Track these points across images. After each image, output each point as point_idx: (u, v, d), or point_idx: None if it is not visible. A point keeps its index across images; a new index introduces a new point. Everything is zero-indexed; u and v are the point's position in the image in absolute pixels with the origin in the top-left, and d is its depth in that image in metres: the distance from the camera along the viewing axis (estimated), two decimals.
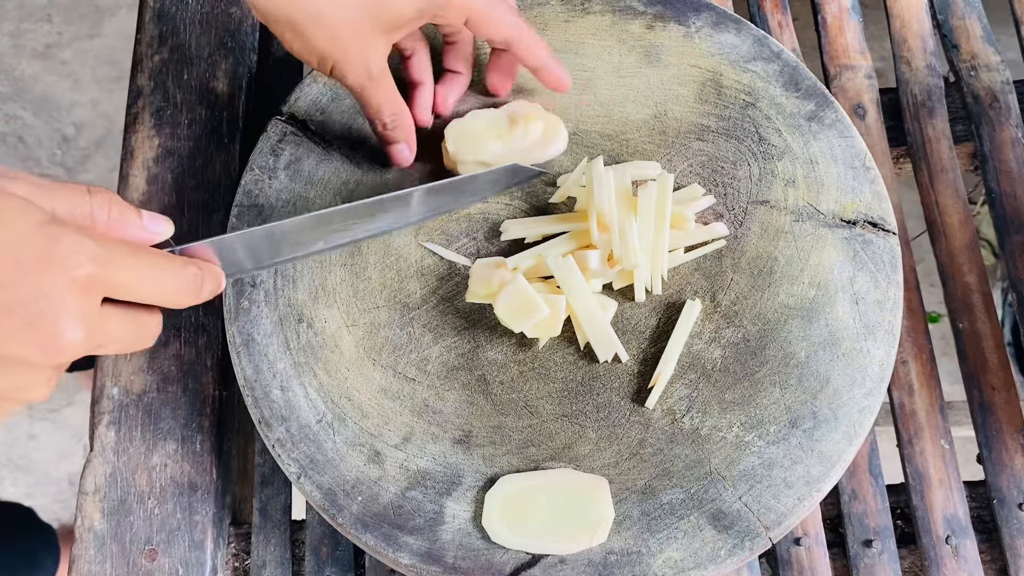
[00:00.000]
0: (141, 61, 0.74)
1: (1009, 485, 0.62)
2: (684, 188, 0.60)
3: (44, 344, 0.38)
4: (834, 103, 0.62)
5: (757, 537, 0.52)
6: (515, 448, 0.55)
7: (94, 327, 0.39)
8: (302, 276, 0.59)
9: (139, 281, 0.41)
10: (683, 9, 0.65)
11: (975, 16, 0.76)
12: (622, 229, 0.55)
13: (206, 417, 0.64)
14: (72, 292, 0.38)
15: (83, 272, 0.38)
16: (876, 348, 0.56)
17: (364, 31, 0.53)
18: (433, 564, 0.52)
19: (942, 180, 0.70)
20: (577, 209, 0.59)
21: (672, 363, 0.56)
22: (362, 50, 0.54)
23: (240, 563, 0.64)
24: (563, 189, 0.60)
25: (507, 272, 0.55)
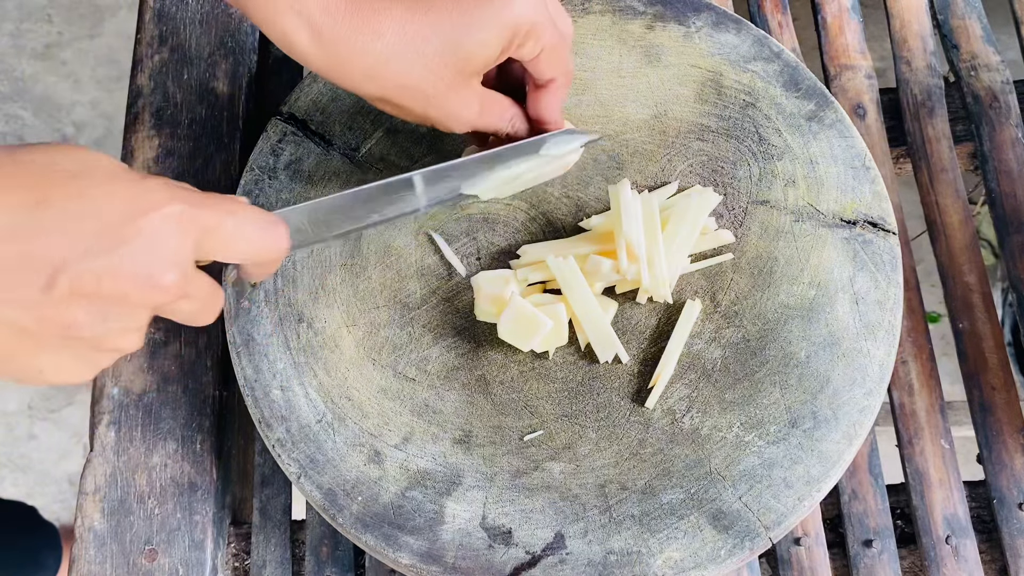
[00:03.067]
0: (141, 61, 0.74)
1: (1009, 485, 0.62)
2: (690, 189, 0.60)
3: (141, 280, 0.39)
4: (834, 103, 0.62)
5: (757, 537, 0.52)
6: (515, 448, 0.55)
7: (185, 275, 0.41)
8: (302, 276, 0.59)
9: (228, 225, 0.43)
10: (683, 9, 0.65)
11: (975, 16, 0.76)
12: (651, 260, 0.55)
13: (206, 417, 0.64)
14: (167, 231, 0.40)
15: (176, 209, 0.40)
16: (876, 348, 0.56)
17: (455, 85, 0.51)
18: (433, 564, 0.52)
19: (942, 180, 0.70)
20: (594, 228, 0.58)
21: (672, 363, 0.56)
22: (458, 101, 0.52)
23: (240, 563, 0.64)
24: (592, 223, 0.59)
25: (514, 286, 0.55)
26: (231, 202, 0.44)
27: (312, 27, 0.48)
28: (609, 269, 0.55)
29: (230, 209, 0.43)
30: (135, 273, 0.39)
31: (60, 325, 0.39)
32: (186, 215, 0.41)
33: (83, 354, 0.41)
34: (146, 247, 0.39)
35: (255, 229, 0.44)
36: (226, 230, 0.43)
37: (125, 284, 0.39)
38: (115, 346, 0.41)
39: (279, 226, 0.46)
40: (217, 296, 0.45)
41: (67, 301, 0.38)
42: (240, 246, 0.44)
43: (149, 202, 0.40)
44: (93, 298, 0.39)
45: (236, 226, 0.43)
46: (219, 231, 0.43)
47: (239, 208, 0.44)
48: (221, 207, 0.43)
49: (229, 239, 0.43)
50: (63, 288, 0.38)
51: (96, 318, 0.39)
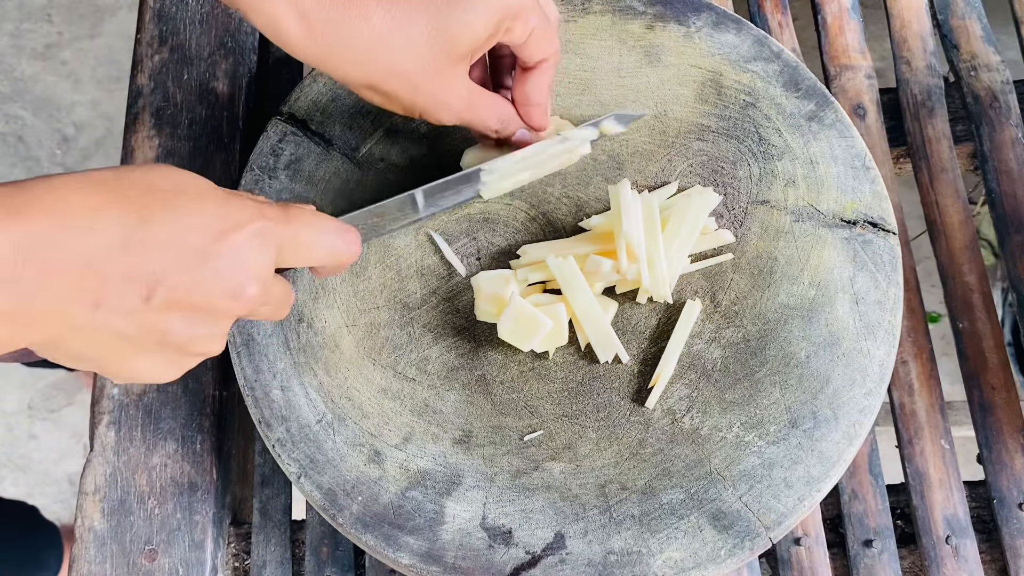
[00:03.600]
0: (141, 61, 0.74)
1: (1009, 485, 0.62)
2: (690, 189, 0.60)
3: (226, 294, 0.43)
4: (834, 103, 0.62)
5: (757, 537, 0.52)
6: (515, 448, 0.55)
7: (265, 285, 0.44)
8: (302, 276, 0.59)
9: (305, 236, 0.46)
10: (683, 9, 0.65)
11: (975, 16, 0.76)
12: (651, 260, 0.55)
13: (206, 417, 0.64)
14: (251, 247, 0.43)
15: (259, 227, 0.43)
16: (876, 348, 0.56)
17: (443, 70, 0.51)
18: (433, 564, 0.52)
19: (942, 180, 0.70)
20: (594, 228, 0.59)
21: (672, 363, 0.56)
22: (446, 88, 0.52)
23: (240, 563, 0.64)
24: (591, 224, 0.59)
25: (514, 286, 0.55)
26: (307, 214, 0.47)
27: (300, 13, 0.49)
28: (609, 269, 0.55)
29: (307, 221, 0.47)
30: (223, 286, 0.42)
31: (157, 332, 0.42)
32: (268, 231, 0.44)
33: (173, 357, 0.44)
34: (232, 263, 0.43)
35: (331, 238, 0.48)
36: (304, 241, 0.47)
37: (214, 296, 0.42)
38: (202, 350, 0.45)
39: (351, 236, 0.49)
40: (289, 297, 0.48)
41: (164, 310, 0.41)
42: (316, 253, 0.48)
43: (235, 220, 0.43)
44: (186, 308, 0.42)
45: (313, 237, 0.47)
46: (297, 242, 0.46)
47: (314, 220, 0.47)
48: (299, 220, 0.46)
49: (306, 249, 0.47)
50: (161, 299, 0.41)
51: (187, 325, 0.43)
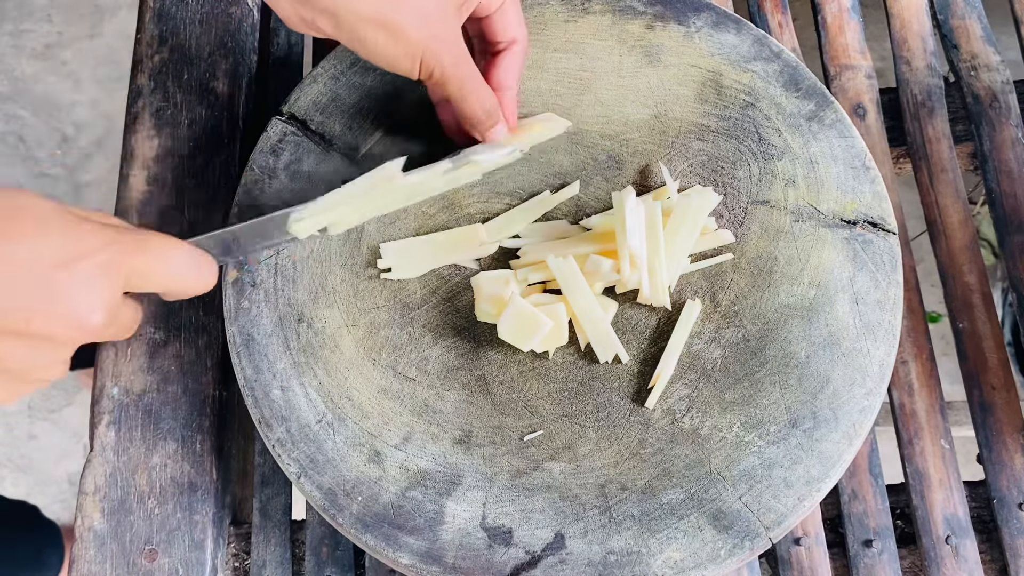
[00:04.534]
0: (141, 61, 0.74)
1: (1009, 485, 0.62)
2: (690, 189, 0.60)
3: (69, 325, 0.41)
4: (834, 103, 0.62)
5: (757, 537, 0.52)
6: (515, 448, 0.55)
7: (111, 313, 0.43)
8: (302, 276, 0.59)
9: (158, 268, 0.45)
10: (683, 9, 0.65)
11: (975, 16, 0.76)
12: (652, 268, 0.55)
13: (206, 417, 0.64)
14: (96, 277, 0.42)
15: (105, 257, 0.42)
16: (876, 348, 0.56)
17: (446, 8, 0.51)
18: (433, 564, 0.52)
19: (942, 180, 0.70)
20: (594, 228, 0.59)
21: (672, 363, 0.56)
22: (450, 27, 0.51)
23: (240, 563, 0.64)
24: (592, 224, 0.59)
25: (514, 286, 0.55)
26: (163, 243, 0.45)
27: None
28: (609, 269, 0.55)
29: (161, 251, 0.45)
30: (64, 316, 0.41)
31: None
32: (115, 260, 0.43)
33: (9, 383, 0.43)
34: (75, 292, 0.41)
35: (184, 269, 0.47)
36: (153, 272, 0.45)
37: (54, 325, 0.41)
38: (41, 377, 0.44)
39: (204, 264, 0.48)
40: (137, 317, 0.47)
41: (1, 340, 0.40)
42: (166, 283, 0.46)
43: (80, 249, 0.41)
44: (23, 336, 0.41)
45: (164, 267, 0.46)
46: (148, 271, 0.45)
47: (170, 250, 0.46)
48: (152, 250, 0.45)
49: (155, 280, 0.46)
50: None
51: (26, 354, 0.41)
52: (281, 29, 0.78)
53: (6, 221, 0.40)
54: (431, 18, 0.50)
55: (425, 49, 0.51)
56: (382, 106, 0.64)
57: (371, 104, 0.64)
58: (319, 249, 0.60)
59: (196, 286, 0.48)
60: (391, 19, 0.49)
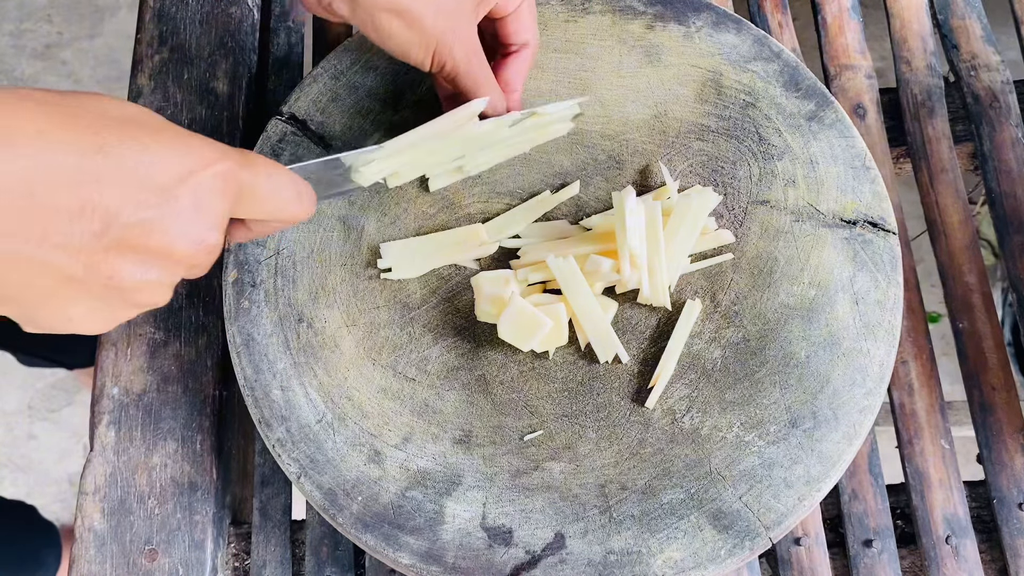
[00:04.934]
0: (141, 61, 0.74)
1: (1009, 485, 0.62)
2: (690, 189, 0.60)
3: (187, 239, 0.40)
4: (834, 103, 0.62)
5: (757, 537, 0.52)
6: (515, 448, 0.55)
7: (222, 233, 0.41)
8: (302, 276, 0.59)
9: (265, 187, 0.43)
10: (683, 9, 0.65)
11: (975, 16, 0.76)
12: (652, 269, 0.55)
13: (206, 417, 0.64)
14: (215, 191, 0.40)
15: (223, 168, 0.40)
16: (876, 348, 0.56)
17: (464, 3, 0.51)
18: (433, 564, 0.52)
19: (942, 180, 0.70)
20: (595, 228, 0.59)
21: (672, 363, 0.56)
22: (465, 22, 0.52)
23: (240, 563, 0.64)
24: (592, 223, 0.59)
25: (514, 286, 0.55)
26: (265, 163, 0.44)
27: None
28: (609, 269, 0.55)
29: (268, 171, 0.44)
30: (184, 231, 0.39)
31: (105, 274, 0.39)
32: (231, 174, 0.41)
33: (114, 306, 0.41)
34: (195, 206, 0.39)
35: (288, 193, 0.45)
36: (260, 191, 0.43)
37: (172, 240, 0.39)
38: (148, 300, 0.41)
39: (306, 191, 0.46)
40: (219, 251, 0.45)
41: (116, 250, 0.38)
42: (270, 207, 0.45)
43: (199, 159, 0.40)
44: (140, 250, 0.39)
45: (272, 189, 0.44)
46: (254, 191, 0.43)
47: (275, 171, 0.44)
48: (260, 168, 0.43)
49: (262, 200, 0.44)
50: (114, 238, 0.38)
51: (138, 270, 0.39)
52: (281, 29, 0.78)
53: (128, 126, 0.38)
54: (447, 10, 0.50)
55: (439, 40, 0.51)
56: (382, 106, 0.64)
57: (371, 104, 0.64)
58: (319, 249, 0.60)
59: (298, 211, 0.46)
60: (408, 7, 0.50)
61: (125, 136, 0.38)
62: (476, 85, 0.54)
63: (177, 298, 0.67)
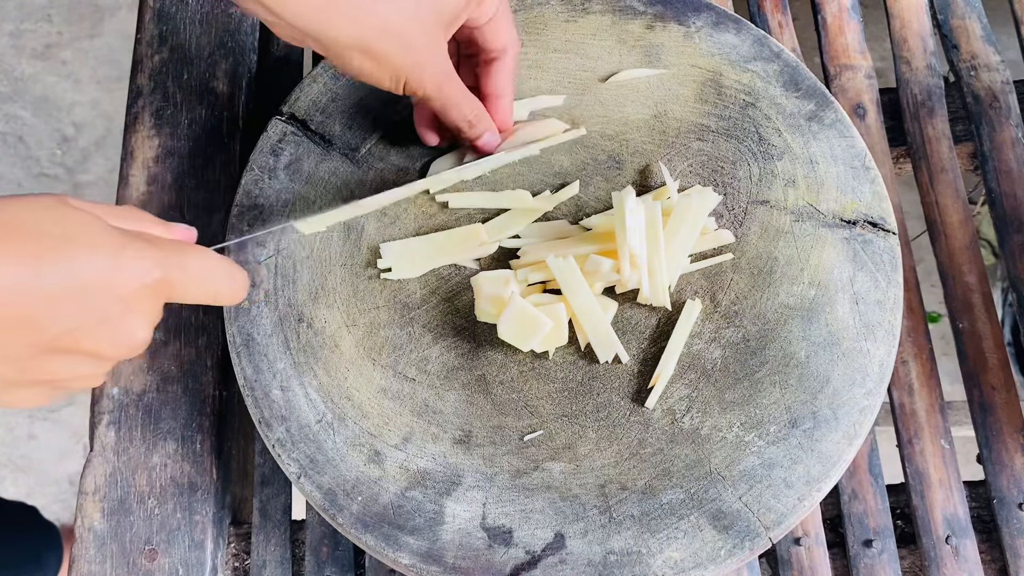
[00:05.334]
0: (141, 61, 0.74)
1: (1009, 485, 0.62)
2: (690, 189, 0.60)
3: (116, 343, 0.42)
4: (834, 103, 0.62)
5: (757, 537, 0.52)
6: (515, 448, 0.55)
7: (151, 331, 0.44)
8: (302, 276, 0.59)
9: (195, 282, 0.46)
10: (683, 9, 0.65)
11: (975, 16, 0.76)
12: (652, 269, 0.55)
13: (206, 417, 0.64)
14: (144, 299, 0.43)
15: (152, 278, 0.43)
16: (876, 348, 0.56)
17: (430, 31, 0.52)
18: (433, 564, 0.52)
19: (942, 180, 0.70)
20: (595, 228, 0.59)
21: (672, 363, 0.56)
22: (434, 50, 0.53)
23: (240, 563, 0.64)
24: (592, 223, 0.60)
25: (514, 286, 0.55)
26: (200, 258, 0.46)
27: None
28: (609, 269, 0.55)
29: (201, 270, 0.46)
30: (113, 336, 0.42)
31: (38, 374, 0.42)
32: (160, 283, 0.43)
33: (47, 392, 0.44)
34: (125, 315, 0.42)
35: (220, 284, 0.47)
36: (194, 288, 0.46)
37: (102, 345, 0.42)
38: (80, 386, 0.45)
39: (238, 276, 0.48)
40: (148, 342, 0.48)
41: (48, 355, 0.41)
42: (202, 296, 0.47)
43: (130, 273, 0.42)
44: (71, 352, 0.42)
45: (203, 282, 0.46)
46: (188, 289, 0.46)
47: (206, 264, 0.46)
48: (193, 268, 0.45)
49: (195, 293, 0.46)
50: (46, 345, 0.41)
51: (70, 367, 0.42)
52: None
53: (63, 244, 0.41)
54: (413, 44, 0.52)
55: (408, 73, 0.53)
56: (382, 106, 0.64)
57: (371, 104, 0.64)
58: (319, 249, 0.60)
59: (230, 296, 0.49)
60: (373, 48, 0.51)
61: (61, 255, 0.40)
62: (450, 106, 0.56)
63: None
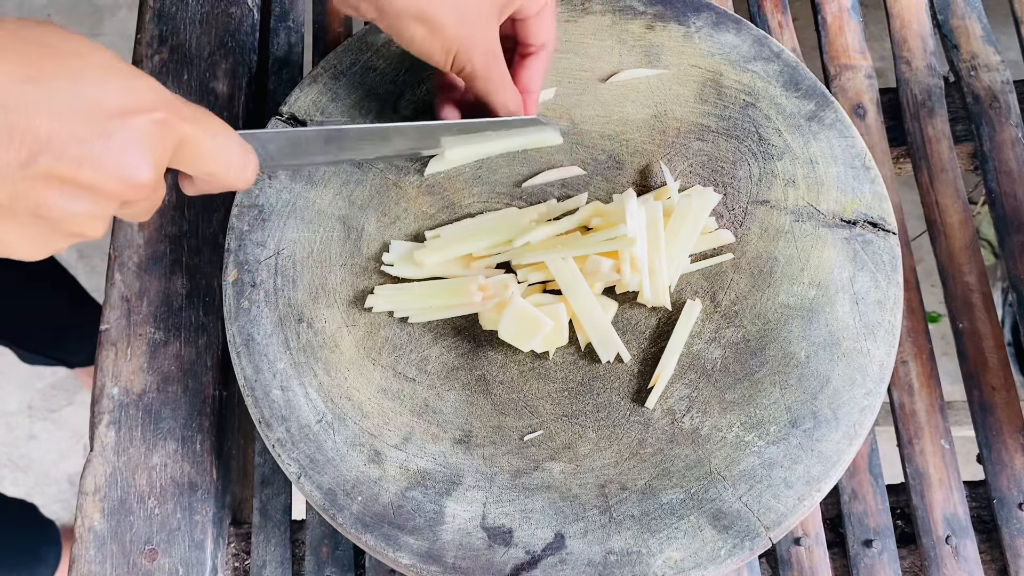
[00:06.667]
0: (141, 61, 0.74)
1: (1009, 485, 0.62)
2: (690, 189, 0.60)
3: (118, 175, 0.40)
4: (834, 103, 0.62)
5: (757, 537, 0.52)
6: (515, 448, 0.55)
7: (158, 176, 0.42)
8: (302, 276, 0.59)
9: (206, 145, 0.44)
10: (683, 9, 0.65)
11: (975, 16, 0.76)
12: (653, 270, 0.55)
13: (206, 417, 0.64)
14: (151, 134, 0.40)
15: (162, 116, 0.41)
16: (876, 348, 0.56)
17: (486, 10, 0.52)
18: (433, 564, 0.52)
19: (942, 180, 0.70)
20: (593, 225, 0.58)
21: (672, 363, 0.56)
22: (487, 28, 0.53)
23: (240, 563, 0.64)
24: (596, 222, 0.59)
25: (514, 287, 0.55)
26: (214, 122, 0.44)
27: None
28: (609, 269, 0.55)
29: (212, 130, 0.44)
30: (115, 167, 0.40)
31: (32, 203, 0.39)
32: (171, 123, 0.41)
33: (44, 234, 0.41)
34: (130, 144, 0.40)
35: (229, 156, 0.45)
36: (203, 148, 0.44)
37: (103, 176, 0.40)
38: (78, 231, 0.42)
39: (251, 159, 0.47)
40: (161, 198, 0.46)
41: (43, 180, 0.38)
42: (209, 167, 0.45)
43: (139, 101, 0.40)
44: (69, 182, 0.39)
45: (213, 148, 0.44)
46: (196, 147, 0.43)
47: (220, 131, 0.45)
48: (204, 125, 0.44)
49: (202, 157, 0.44)
50: (42, 167, 0.38)
51: (68, 202, 0.40)
52: (281, 29, 0.78)
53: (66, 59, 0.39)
54: (469, 17, 0.52)
55: (460, 47, 0.53)
56: (382, 106, 0.64)
57: (371, 104, 0.64)
58: (319, 249, 0.60)
59: (235, 179, 0.46)
60: (431, 15, 0.51)
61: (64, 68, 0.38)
62: (493, 89, 0.56)
63: (177, 298, 0.67)
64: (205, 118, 0.44)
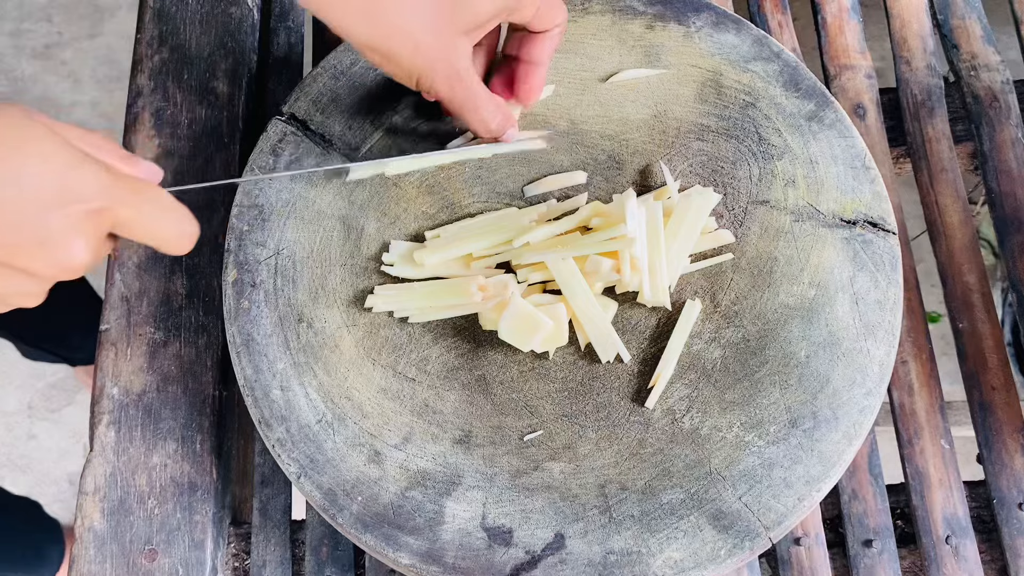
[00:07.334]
0: (141, 61, 0.74)
1: (1009, 485, 0.62)
2: (690, 189, 0.60)
3: (52, 263, 0.42)
4: (834, 103, 0.62)
5: (757, 537, 0.52)
6: (515, 448, 0.55)
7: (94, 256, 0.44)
8: (302, 276, 0.59)
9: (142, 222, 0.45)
10: (683, 9, 0.65)
11: (975, 16, 0.76)
12: (653, 270, 0.55)
13: (206, 417, 0.64)
14: (87, 224, 0.42)
15: (96, 205, 0.42)
16: (876, 348, 0.56)
17: (444, 35, 0.53)
18: (433, 564, 0.52)
19: (942, 180, 0.70)
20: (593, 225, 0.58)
21: (672, 363, 0.56)
22: (445, 53, 0.53)
23: (240, 563, 0.64)
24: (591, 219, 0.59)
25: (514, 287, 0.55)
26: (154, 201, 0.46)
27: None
28: (609, 269, 0.55)
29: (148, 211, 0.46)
30: (48, 255, 0.42)
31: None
32: (106, 211, 0.43)
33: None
34: (63, 234, 0.42)
35: (164, 232, 0.47)
36: (137, 228, 0.46)
37: (37, 263, 0.42)
38: (17, 303, 0.44)
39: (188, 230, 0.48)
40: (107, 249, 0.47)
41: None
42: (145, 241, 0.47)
43: (76, 193, 0.42)
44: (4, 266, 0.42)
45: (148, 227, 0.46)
46: (131, 227, 0.45)
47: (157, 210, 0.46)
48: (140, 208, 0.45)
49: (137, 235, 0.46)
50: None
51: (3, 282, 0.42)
52: (281, 29, 0.78)
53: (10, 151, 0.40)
54: (423, 46, 0.52)
55: (420, 73, 0.54)
56: (382, 106, 0.64)
57: (371, 104, 0.64)
58: (319, 249, 0.60)
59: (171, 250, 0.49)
60: (383, 48, 0.52)
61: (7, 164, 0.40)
62: (465, 108, 0.56)
63: (177, 298, 0.67)
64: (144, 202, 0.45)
